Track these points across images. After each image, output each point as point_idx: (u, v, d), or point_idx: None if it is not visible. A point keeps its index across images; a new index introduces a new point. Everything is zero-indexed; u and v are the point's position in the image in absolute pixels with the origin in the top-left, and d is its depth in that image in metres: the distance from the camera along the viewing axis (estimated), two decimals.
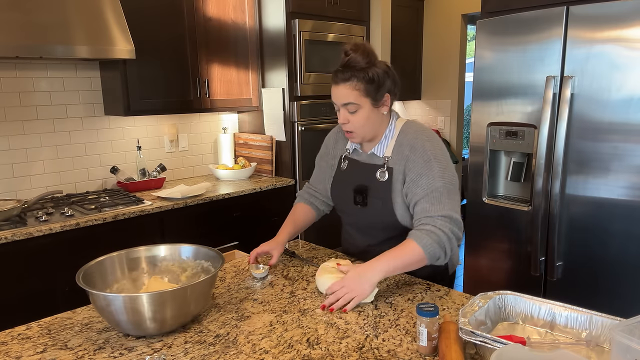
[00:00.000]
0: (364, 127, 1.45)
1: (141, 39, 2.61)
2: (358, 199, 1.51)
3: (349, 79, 1.39)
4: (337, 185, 1.62)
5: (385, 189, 1.47)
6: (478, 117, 2.46)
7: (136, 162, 2.96)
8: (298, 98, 3.15)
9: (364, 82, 1.39)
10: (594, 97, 2.04)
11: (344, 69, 1.40)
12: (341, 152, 1.64)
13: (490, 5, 2.49)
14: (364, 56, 1.39)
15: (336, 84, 1.42)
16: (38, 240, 2.13)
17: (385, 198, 1.47)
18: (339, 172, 1.62)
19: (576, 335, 1.10)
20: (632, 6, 1.90)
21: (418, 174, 1.40)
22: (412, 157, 1.42)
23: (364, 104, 1.41)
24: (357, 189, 1.52)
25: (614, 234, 2.04)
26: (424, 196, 1.38)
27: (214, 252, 1.36)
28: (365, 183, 1.51)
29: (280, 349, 1.11)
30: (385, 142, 1.50)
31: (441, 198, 1.37)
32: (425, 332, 1.06)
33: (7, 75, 2.53)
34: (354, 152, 1.59)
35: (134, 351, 1.12)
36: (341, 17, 3.32)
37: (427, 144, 1.42)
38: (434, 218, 1.35)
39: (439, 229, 1.33)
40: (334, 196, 1.65)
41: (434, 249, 1.32)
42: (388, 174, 1.47)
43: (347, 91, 1.40)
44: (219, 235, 2.78)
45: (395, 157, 1.46)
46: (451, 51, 4.33)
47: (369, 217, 1.52)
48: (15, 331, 1.23)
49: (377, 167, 1.49)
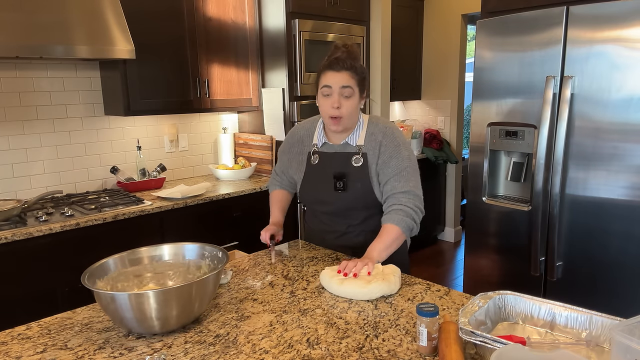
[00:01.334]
0: (351, 114, 1.59)
1: (141, 39, 2.61)
2: (339, 185, 1.64)
3: (350, 68, 1.55)
4: (311, 178, 1.72)
5: (363, 172, 1.63)
6: (478, 117, 2.46)
7: (136, 162, 2.96)
8: (298, 98, 3.15)
9: (359, 75, 1.57)
10: (594, 97, 2.04)
11: (346, 59, 1.54)
12: (308, 148, 1.74)
13: (490, 5, 2.49)
14: (355, 55, 1.58)
15: (337, 71, 1.55)
16: (38, 240, 2.13)
17: (364, 181, 1.63)
18: (310, 166, 1.72)
19: (576, 335, 1.10)
20: (632, 6, 1.90)
21: (389, 156, 1.61)
22: (384, 142, 1.62)
23: (356, 92, 1.58)
24: (337, 176, 1.64)
25: (614, 234, 2.04)
26: (394, 175, 1.60)
27: (218, 250, 1.37)
28: (343, 170, 1.64)
29: (280, 349, 1.11)
30: (357, 133, 1.66)
31: (408, 176, 1.60)
32: (425, 332, 1.06)
33: (7, 75, 2.53)
34: (324, 146, 1.70)
35: (134, 351, 1.12)
36: (341, 17, 3.32)
37: (396, 132, 1.65)
38: (400, 196, 1.58)
39: (405, 205, 1.56)
40: (306, 189, 1.74)
41: (406, 223, 1.54)
42: (363, 159, 1.63)
43: (348, 77, 1.55)
44: (219, 235, 2.78)
45: (368, 144, 1.64)
46: (451, 51, 4.33)
47: (350, 200, 1.65)
48: (15, 331, 1.23)
49: (352, 155, 1.65)
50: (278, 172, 1.92)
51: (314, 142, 1.73)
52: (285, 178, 1.90)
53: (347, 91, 1.55)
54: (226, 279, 1.50)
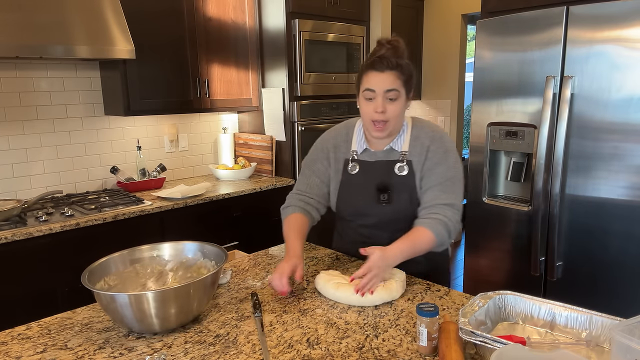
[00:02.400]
0: (397, 118, 1.45)
1: (141, 39, 2.61)
2: (383, 198, 1.50)
3: (395, 67, 1.40)
4: (349, 189, 1.57)
5: (409, 182, 1.49)
6: (478, 117, 2.46)
7: (136, 162, 2.96)
8: (298, 98, 3.15)
9: (405, 74, 1.42)
10: (594, 97, 2.04)
11: (388, 58, 1.39)
12: (345, 155, 1.59)
13: (490, 5, 2.49)
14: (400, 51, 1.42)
15: (380, 71, 1.40)
16: (38, 240, 2.13)
17: (411, 191, 1.49)
18: (348, 175, 1.56)
19: (576, 335, 1.10)
20: (632, 6, 1.90)
21: (435, 162, 1.47)
22: (432, 147, 1.49)
23: (402, 93, 1.43)
24: (381, 188, 1.50)
25: (614, 234, 2.04)
26: (439, 184, 1.46)
27: (218, 248, 1.37)
28: (386, 180, 1.50)
29: (280, 349, 1.11)
30: (402, 137, 1.52)
31: (453, 187, 1.46)
32: (425, 332, 1.06)
33: (7, 75, 2.53)
34: (364, 153, 1.56)
35: (134, 351, 1.12)
36: (341, 17, 3.32)
37: (444, 137, 1.52)
38: (443, 207, 1.43)
39: (448, 219, 1.42)
40: (344, 201, 1.58)
41: (443, 237, 1.41)
42: (408, 167, 1.49)
43: (392, 78, 1.40)
44: (219, 235, 2.78)
45: (413, 150, 1.50)
46: (451, 51, 4.33)
47: (395, 213, 1.51)
48: (15, 331, 1.23)
49: (394, 163, 1.51)
50: (301, 190, 1.65)
51: (352, 148, 1.57)
52: (311, 196, 1.63)
53: (393, 94, 1.40)
54: (225, 278, 1.50)
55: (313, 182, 1.63)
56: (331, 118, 3.30)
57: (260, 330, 1.07)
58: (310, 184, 1.63)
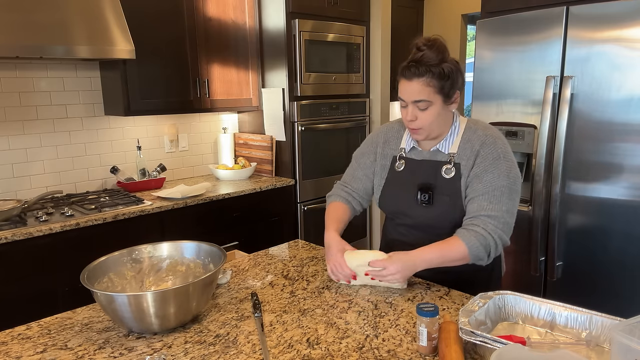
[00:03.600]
0: (432, 124, 1.39)
1: (141, 39, 2.61)
2: (423, 198, 1.44)
3: (424, 74, 1.33)
4: (393, 186, 1.54)
5: (454, 185, 1.42)
6: (478, 117, 2.46)
7: (136, 162, 2.96)
8: (298, 98, 3.15)
9: (438, 79, 1.34)
10: (594, 97, 2.04)
11: (417, 64, 1.33)
12: (394, 152, 1.55)
13: (490, 5, 2.49)
14: (438, 52, 1.35)
15: (408, 79, 1.35)
16: (38, 240, 2.13)
17: (454, 195, 1.42)
18: (394, 172, 1.54)
19: (576, 335, 1.10)
20: (632, 6, 1.90)
21: (484, 169, 1.38)
22: (482, 152, 1.39)
23: (435, 100, 1.36)
24: (423, 187, 1.45)
25: (614, 234, 2.04)
26: (485, 193, 1.36)
27: (216, 248, 1.37)
28: (430, 181, 1.45)
29: (280, 349, 1.11)
30: (450, 139, 1.45)
31: (501, 197, 1.35)
32: (425, 332, 1.06)
33: (7, 75, 2.53)
34: (412, 151, 1.51)
35: (134, 351, 1.12)
36: (341, 17, 3.32)
37: (498, 141, 1.40)
38: (486, 220, 1.34)
39: (488, 233, 1.33)
40: (387, 197, 1.56)
41: (478, 251, 1.32)
42: (455, 170, 1.42)
43: (420, 87, 1.34)
44: (219, 235, 2.78)
45: (462, 153, 1.43)
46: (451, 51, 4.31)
47: (435, 216, 1.46)
48: (15, 331, 1.23)
49: (442, 164, 1.45)
50: (345, 181, 1.66)
51: (401, 145, 1.53)
52: (354, 189, 1.64)
53: (422, 104, 1.35)
54: (225, 278, 1.50)
55: (358, 175, 1.63)
56: (331, 118, 3.30)
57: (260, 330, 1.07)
58: (355, 176, 1.64)
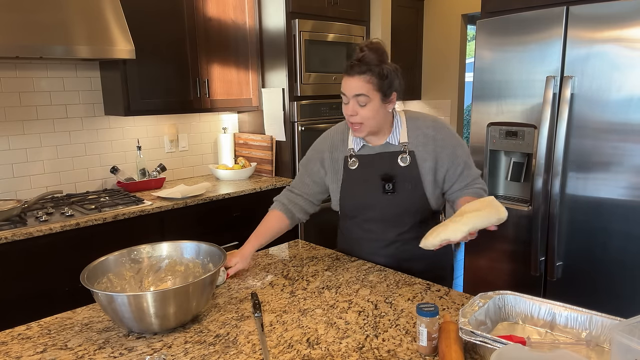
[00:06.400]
0: (371, 120, 1.48)
1: (141, 39, 2.61)
2: (388, 187, 1.53)
3: (365, 72, 1.43)
4: (352, 184, 1.60)
5: (412, 171, 1.53)
6: (478, 117, 2.46)
7: (136, 162, 2.96)
8: (298, 98, 3.15)
9: (377, 77, 1.44)
10: (594, 97, 2.04)
11: (359, 62, 1.44)
12: (343, 153, 1.62)
13: (490, 5, 2.49)
14: (378, 55, 1.46)
15: (350, 75, 1.45)
16: (38, 240, 2.13)
17: (414, 180, 1.53)
18: (349, 171, 1.60)
19: (576, 335, 1.10)
20: (632, 6, 1.90)
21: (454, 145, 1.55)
22: (439, 135, 1.54)
23: (374, 97, 1.46)
24: (385, 177, 1.53)
25: (614, 233, 2.04)
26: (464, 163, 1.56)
27: (216, 248, 1.37)
28: (388, 171, 1.54)
29: (280, 349, 1.11)
30: (397, 131, 1.56)
31: (471, 161, 1.60)
32: (425, 332, 1.06)
33: (7, 75, 2.53)
34: (363, 149, 1.59)
35: (134, 351, 1.12)
36: (341, 17, 3.32)
37: (444, 123, 1.59)
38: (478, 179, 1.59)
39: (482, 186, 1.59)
40: (348, 196, 1.61)
41: None
42: (410, 158, 1.53)
43: (361, 83, 1.44)
44: (219, 235, 2.78)
45: (415, 141, 1.54)
46: (451, 51, 4.33)
47: (399, 204, 1.55)
48: (15, 331, 1.23)
49: (396, 154, 1.55)
50: (293, 187, 1.72)
51: (349, 146, 1.60)
52: (302, 192, 1.70)
53: (362, 99, 1.45)
54: (221, 279, 1.50)
55: (305, 181, 1.70)
56: (331, 118, 3.30)
57: (260, 330, 1.07)
58: (304, 182, 1.71)
